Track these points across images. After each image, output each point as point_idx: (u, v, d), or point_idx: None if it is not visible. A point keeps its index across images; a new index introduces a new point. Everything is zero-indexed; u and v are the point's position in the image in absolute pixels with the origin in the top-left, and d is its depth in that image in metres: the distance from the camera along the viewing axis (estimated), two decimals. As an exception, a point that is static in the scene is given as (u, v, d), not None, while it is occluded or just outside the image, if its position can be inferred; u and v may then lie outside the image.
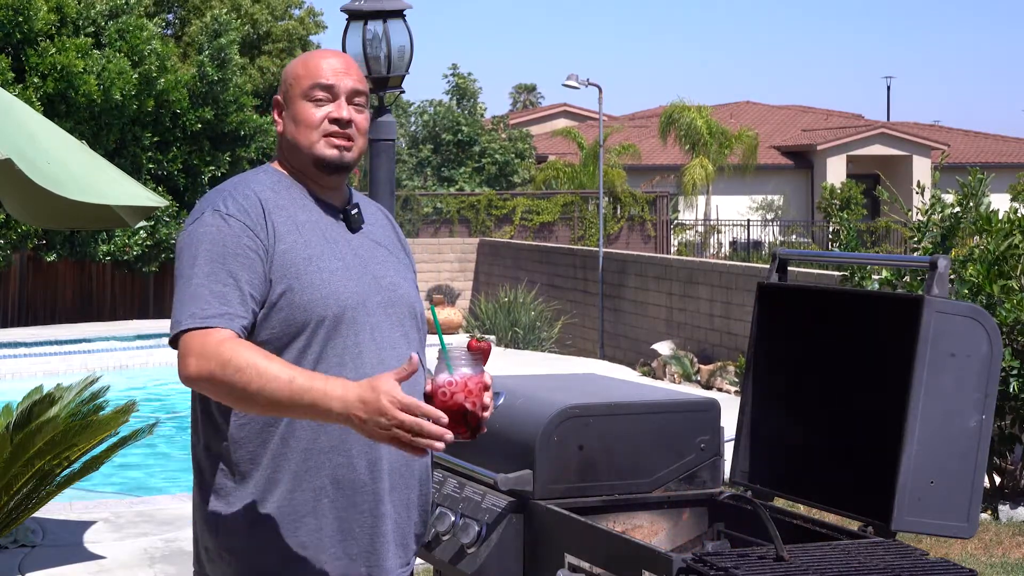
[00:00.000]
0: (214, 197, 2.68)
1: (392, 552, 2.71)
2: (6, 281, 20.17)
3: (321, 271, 2.64)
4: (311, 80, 2.72)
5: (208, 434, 2.67)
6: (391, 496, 2.69)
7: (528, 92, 63.46)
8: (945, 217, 8.27)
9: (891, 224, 29.00)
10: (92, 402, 6.10)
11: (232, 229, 2.60)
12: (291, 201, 2.71)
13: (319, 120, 2.70)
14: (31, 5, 18.85)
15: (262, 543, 2.62)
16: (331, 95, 2.71)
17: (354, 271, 2.69)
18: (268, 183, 2.72)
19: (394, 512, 2.70)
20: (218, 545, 2.66)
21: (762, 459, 3.50)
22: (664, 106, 33.88)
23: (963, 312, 3.05)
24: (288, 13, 27.06)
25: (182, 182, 20.73)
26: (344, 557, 2.65)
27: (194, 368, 2.50)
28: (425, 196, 27.09)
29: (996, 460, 7.79)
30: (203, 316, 2.53)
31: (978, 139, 42.09)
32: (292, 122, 2.73)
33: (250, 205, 2.64)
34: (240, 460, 2.63)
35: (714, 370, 14.39)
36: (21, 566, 6.38)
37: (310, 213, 2.71)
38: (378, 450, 2.65)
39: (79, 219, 7.30)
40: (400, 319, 2.73)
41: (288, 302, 2.60)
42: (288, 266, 2.61)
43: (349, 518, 2.65)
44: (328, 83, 2.71)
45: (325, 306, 2.61)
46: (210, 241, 2.59)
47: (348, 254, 2.71)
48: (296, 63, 2.78)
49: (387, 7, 8.71)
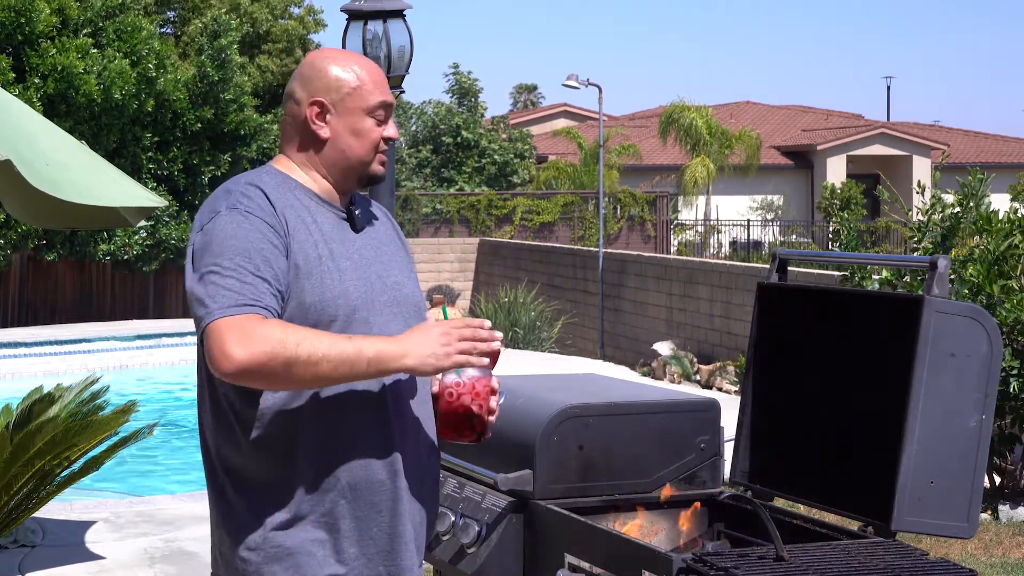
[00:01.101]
0: (224, 196, 2.64)
1: (411, 552, 2.70)
2: (6, 281, 20.17)
3: (331, 270, 2.63)
4: (379, 98, 2.71)
5: (221, 436, 2.65)
6: (408, 495, 2.68)
7: (528, 92, 63.48)
8: (945, 217, 8.27)
9: (891, 224, 29.00)
10: (92, 402, 6.10)
11: (253, 225, 2.57)
12: (297, 201, 2.70)
13: (379, 137, 2.72)
14: (33, 6, 18.87)
15: (278, 545, 2.61)
16: (388, 114, 2.74)
17: (361, 271, 2.69)
18: (272, 184, 2.70)
19: (410, 512, 2.69)
20: (233, 547, 2.64)
21: (762, 459, 3.50)
22: (664, 106, 33.87)
23: (963, 312, 3.05)
24: (288, 12, 27.05)
25: (182, 182, 20.73)
26: (362, 557, 2.64)
27: (242, 355, 2.41)
28: (425, 196, 27.08)
29: (996, 460, 7.79)
30: (238, 304, 2.46)
31: (978, 139, 42.09)
32: (351, 135, 2.70)
33: (263, 203, 2.63)
34: (254, 462, 2.61)
35: (714, 370, 14.40)
36: (21, 566, 6.38)
37: (316, 214, 2.71)
38: (394, 449, 2.65)
39: (79, 219, 7.30)
40: (406, 317, 2.74)
41: (299, 301, 2.59)
42: (301, 266, 2.61)
43: (367, 518, 2.64)
44: (389, 102, 2.73)
45: (336, 305, 2.61)
46: (234, 237, 2.55)
47: (354, 254, 2.71)
48: (348, 70, 2.71)
49: (387, 7, 8.72)
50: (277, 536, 2.61)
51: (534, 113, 45.91)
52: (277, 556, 2.61)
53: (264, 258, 2.54)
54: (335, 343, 2.48)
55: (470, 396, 2.63)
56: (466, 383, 2.63)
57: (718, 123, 32.42)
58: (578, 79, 21.55)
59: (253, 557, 2.61)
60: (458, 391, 2.64)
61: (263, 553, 2.61)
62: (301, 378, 2.47)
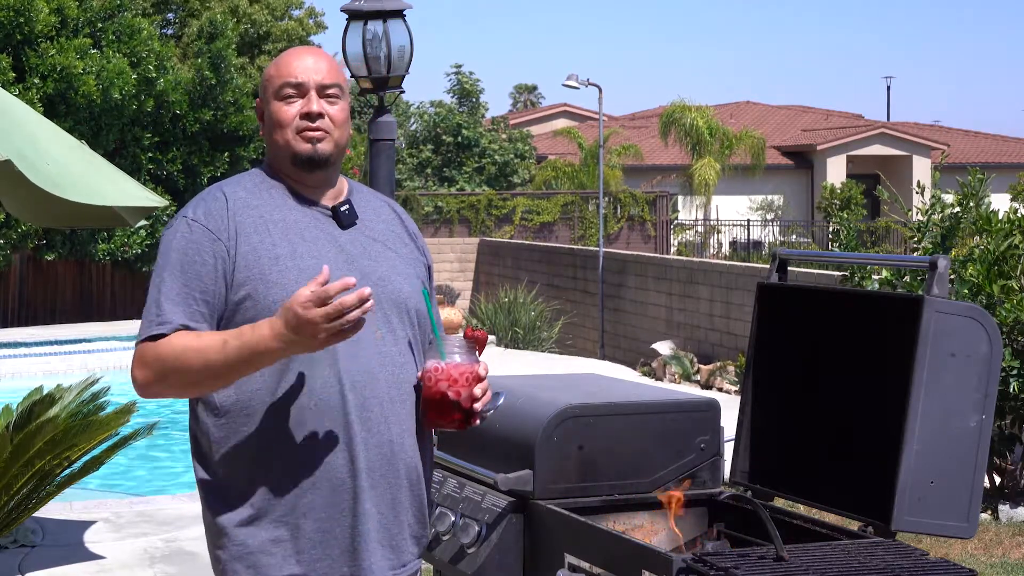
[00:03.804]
0: (191, 203, 2.76)
1: (377, 553, 2.69)
2: (6, 281, 20.17)
3: (289, 270, 2.65)
4: (281, 79, 2.74)
5: (196, 434, 2.73)
6: (371, 494, 2.67)
7: (528, 92, 63.46)
8: (945, 217, 8.27)
9: (891, 224, 28.99)
10: (92, 402, 6.10)
11: (194, 235, 2.68)
12: (267, 200, 2.73)
13: (291, 117, 2.73)
14: (32, 6, 18.86)
15: (240, 544, 2.65)
16: (300, 92, 2.73)
17: (335, 268, 2.67)
18: (247, 183, 2.76)
19: (376, 512, 2.69)
20: (210, 545, 2.72)
21: (762, 459, 3.50)
22: (664, 106, 33.85)
23: (963, 312, 3.04)
24: (288, 13, 27.05)
25: (181, 182, 20.73)
26: (325, 558, 2.66)
27: (140, 378, 2.65)
28: (425, 196, 27.08)
29: (996, 460, 7.79)
30: (147, 330, 2.65)
31: (978, 139, 42.08)
32: (271, 123, 2.76)
33: (216, 208, 2.70)
34: (220, 460, 2.67)
35: (714, 370, 14.40)
36: (21, 566, 6.38)
37: (287, 212, 2.72)
38: (353, 447, 2.65)
39: (79, 218, 7.31)
40: (386, 314, 2.72)
41: (253, 303, 2.63)
42: (252, 267, 2.64)
43: (330, 518, 2.65)
44: (297, 81, 2.73)
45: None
46: (172, 249, 2.69)
47: (331, 251, 2.71)
48: (270, 65, 2.81)
49: (387, 7, 8.71)
50: (240, 534, 2.65)
51: (534, 113, 45.90)
52: (239, 555, 2.65)
53: (196, 271, 2.65)
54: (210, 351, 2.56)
55: (447, 382, 2.65)
56: (444, 369, 2.65)
57: (719, 123, 32.40)
58: (578, 79, 21.54)
59: (222, 555, 2.68)
60: (436, 376, 2.66)
61: (229, 552, 2.67)
62: (197, 385, 2.62)
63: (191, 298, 2.64)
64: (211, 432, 2.67)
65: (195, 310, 2.64)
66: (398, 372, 2.72)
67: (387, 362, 2.70)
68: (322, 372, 2.63)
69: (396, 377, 2.71)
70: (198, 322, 2.63)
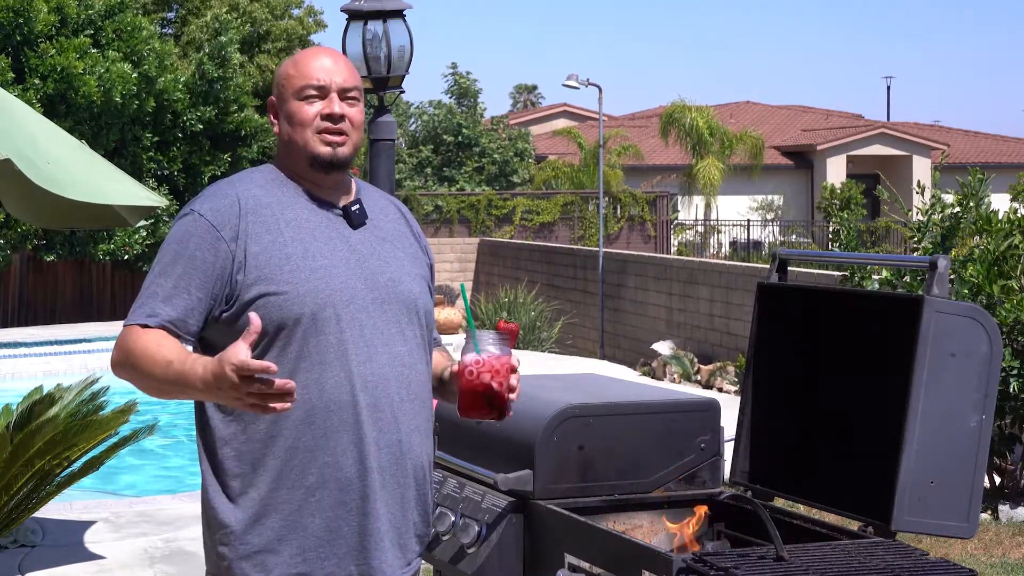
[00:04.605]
0: (201, 196, 2.75)
1: (389, 552, 2.70)
2: (6, 281, 20.17)
3: (300, 269, 2.65)
4: (303, 80, 2.73)
5: (203, 431, 2.72)
6: (382, 494, 2.68)
7: (528, 92, 63.47)
8: (945, 217, 8.27)
9: (891, 224, 28.99)
10: (92, 402, 6.10)
11: (199, 230, 2.67)
12: (280, 199, 2.73)
13: (312, 117, 2.73)
14: (31, 7, 18.85)
15: (247, 543, 2.65)
16: (322, 93, 2.73)
17: (347, 268, 2.69)
18: (260, 181, 2.76)
19: (387, 511, 2.69)
20: (212, 543, 2.70)
21: (762, 459, 3.50)
22: (664, 106, 33.85)
23: (963, 312, 3.04)
24: (288, 12, 27.03)
25: (182, 182, 20.73)
26: (332, 557, 2.66)
27: (113, 358, 2.67)
28: (425, 196, 27.07)
29: (996, 460, 7.79)
30: (141, 315, 2.64)
31: (978, 139, 42.07)
32: (287, 122, 2.75)
33: (226, 205, 2.69)
34: (227, 458, 2.66)
35: (714, 370, 14.39)
36: (21, 566, 6.38)
37: (300, 211, 2.73)
38: (364, 447, 2.65)
39: (79, 218, 7.30)
40: (396, 315, 2.73)
41: (264, 302, 2.63)
42: (263, 267, 2.64)
43: (337, 517, 2.65)
44: (320, 83, 2.73)
45: (302, 304, 2.63)
46: (175, 241, 2.69)
47: (343, 250, 2.71)
48: (287, 64, 2.80)
49: (387, 7, 8.72)
50: (247, 534, 2.65)
51: (534, 113, 45.90)
52: (246, 554, 2.65)
53: (196, 266, 2.65)
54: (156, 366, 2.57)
55: (490, 373, 2.67)
56: (485, 361, 2.67)
57: (719, 123, 32.41)
58: (578, 79, 21.52)
59: (228, 553, 2.67)
60: (478, 369, 2.67)
61: (235, 550, 2.65)
62: (146, 388, 2.64)
63: (186, 291, 2.64)
64: (218, 429, 2.66)
65: (187, 303, 2.63)
66: (408, 373, 2.73)
67: (398, 363, 2.71)
68: (334, 372, 2.63)
69: (406, 378, 2.73)
70: (188, 314, 2.63)
